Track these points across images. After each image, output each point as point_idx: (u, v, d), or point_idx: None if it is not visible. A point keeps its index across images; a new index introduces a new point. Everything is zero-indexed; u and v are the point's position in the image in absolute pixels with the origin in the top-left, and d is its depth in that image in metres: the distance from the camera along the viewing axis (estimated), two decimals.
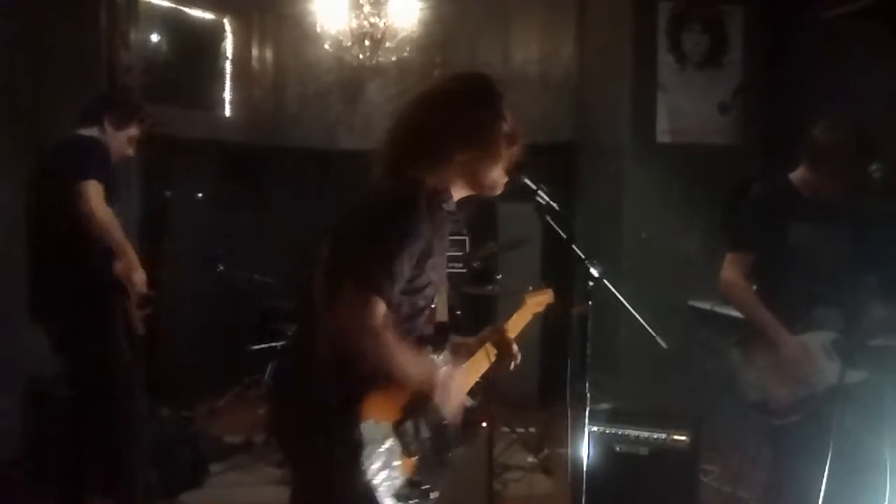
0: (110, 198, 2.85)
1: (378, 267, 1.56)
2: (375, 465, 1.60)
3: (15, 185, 3.43)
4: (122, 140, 3.05)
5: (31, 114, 3.86)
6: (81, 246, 2.80)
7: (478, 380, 2.00)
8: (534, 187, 1.77)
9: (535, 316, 2.28)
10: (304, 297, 1.76)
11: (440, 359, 1.80)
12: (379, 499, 1.59)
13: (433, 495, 1.71)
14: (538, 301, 2.30)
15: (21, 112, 3.83)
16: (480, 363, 1.98)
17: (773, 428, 2.63)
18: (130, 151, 3.13)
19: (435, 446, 1.75)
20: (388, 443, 1.64)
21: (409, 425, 1.69)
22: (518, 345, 2.05)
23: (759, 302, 2.67)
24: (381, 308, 1.55)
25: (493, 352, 2.01)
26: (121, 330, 2.90)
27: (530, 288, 2.33)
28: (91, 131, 2.98)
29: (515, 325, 2.15)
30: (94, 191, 2.76)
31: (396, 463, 1.65)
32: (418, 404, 1.71)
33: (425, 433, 1.72)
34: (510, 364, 2.03)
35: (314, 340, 1.61)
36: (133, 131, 3.08)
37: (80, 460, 2.97)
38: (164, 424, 3.78)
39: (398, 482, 1.65)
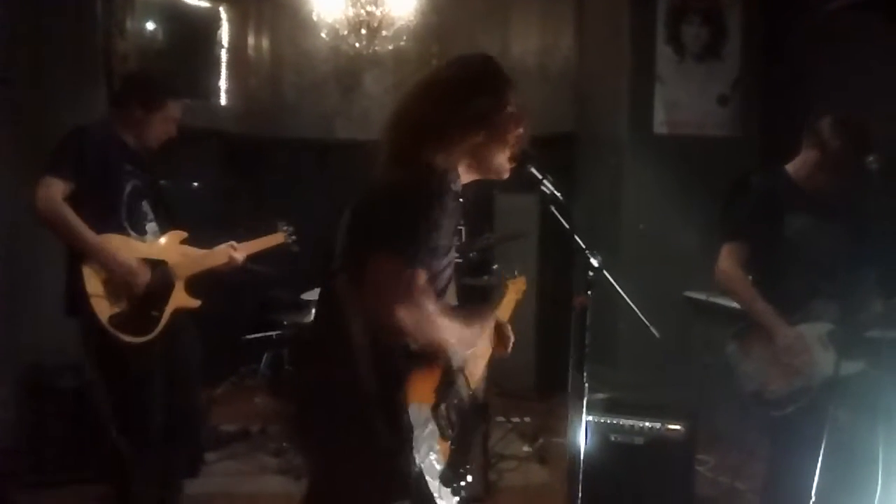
0: (93, 190, 2.71)
1: (418, 243, 1.57)
2: (423, 449, 1.60)
3: (17, 178, 3.38)
4: (154, 122, 2.87)
5: (28, 103, 3.84)
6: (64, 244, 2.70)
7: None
8: (539, 177, 1.78)
9: (517, 303, 2.34)
10: (328, 291, 1.75)
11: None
12: (429, 482, 1.60)
13: (469, 478, 1.72)
14: (518, 288, 2.37)
15: (17, 102, 3.80)
16: (484, 348, 1.99)
17: (771, 419, 2.64)
18: (171, 132, 2.95)
19: (464, 427, 1.76)
20: (430, 426, 1.64)
21: (443, 408, 1.70)
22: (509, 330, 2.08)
23: (755, 292, 2.67)
24: (423, 281, 1.57)
25: (492, 337, 2.03)
26: (96, 337, 2.72)
27: (509, 276, 2.42)
28: (107, 118, 2.87)
29: (504, 311, 2.20)
30: (45, 188, 2.62)
31: (437, 446, 1.66)
32: (448, 385, 1.72)
33: (454, 415, 1.73)
34: (508, 347, 2.06)
35: (349, 329, 1.60)
36: (171, 111, 2.90)
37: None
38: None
39: (439, 465, 1.66)
